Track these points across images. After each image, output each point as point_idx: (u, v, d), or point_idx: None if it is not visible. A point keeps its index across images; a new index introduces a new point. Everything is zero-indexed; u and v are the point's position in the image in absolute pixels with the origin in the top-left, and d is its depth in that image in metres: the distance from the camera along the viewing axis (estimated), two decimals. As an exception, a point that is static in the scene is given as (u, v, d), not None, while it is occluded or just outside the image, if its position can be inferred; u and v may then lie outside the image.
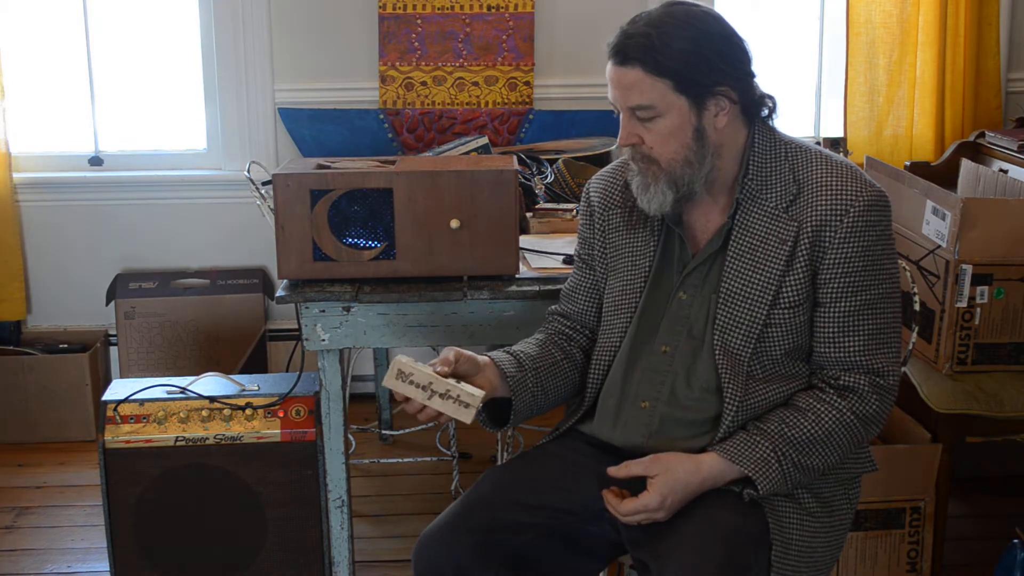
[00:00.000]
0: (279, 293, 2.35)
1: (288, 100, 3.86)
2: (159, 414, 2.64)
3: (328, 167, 2.39)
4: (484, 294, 2.34)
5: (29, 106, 3.95)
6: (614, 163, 2.10)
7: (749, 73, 1.86)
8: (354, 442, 3.64)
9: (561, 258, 2.47)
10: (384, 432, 3.72)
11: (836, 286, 1.84)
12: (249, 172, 3.24)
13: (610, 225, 2.03)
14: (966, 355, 2.69)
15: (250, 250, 3.96)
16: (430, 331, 2.39)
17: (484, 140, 3.20)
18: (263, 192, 3.14)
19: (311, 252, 2.33)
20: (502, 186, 2.31)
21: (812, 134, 4.13)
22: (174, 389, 2.70)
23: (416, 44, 3.77)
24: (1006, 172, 3.23)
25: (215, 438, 2.64)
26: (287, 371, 3.56)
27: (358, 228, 2.33)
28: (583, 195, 2.11)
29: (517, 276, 2.38)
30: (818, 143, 2.34)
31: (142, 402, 2.65)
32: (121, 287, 3.86)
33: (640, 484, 1.82)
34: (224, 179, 3.91)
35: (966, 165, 3.32)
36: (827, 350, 1.86)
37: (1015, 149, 3.34)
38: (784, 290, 1.85)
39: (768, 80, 1.97)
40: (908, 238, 2.79)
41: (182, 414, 2.65)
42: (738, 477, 1.83)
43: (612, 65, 1.85)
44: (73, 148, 3.97)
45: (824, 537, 1.89)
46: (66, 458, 3.67)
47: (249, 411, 2.65)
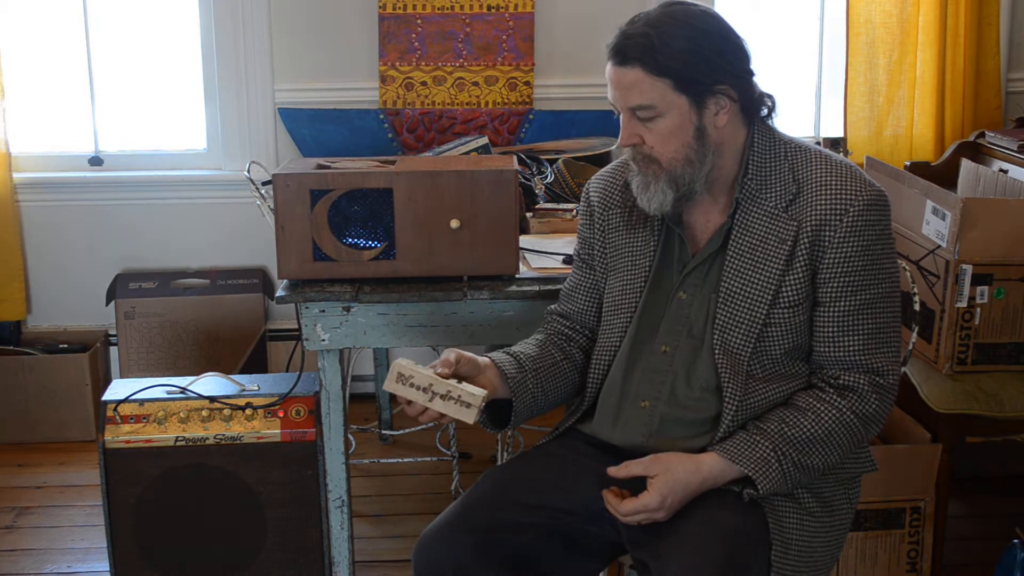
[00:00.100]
0: (279, 293, 2.35)
1: (288, 100, 3.86)
2: (159, 414, 2.64)
3: (328, 167, 2.39)
4: (484, 294, 2.34)
5: (29, 106, 3.95)
6: (614, 163, 2.10)
7: (748, 71, 1.87)
8: (354, 442, 3.64)
9: (561, 258, 2.47)
10: (384, 432, 3.72)
11: (836, 285, 1.84)
12: (249, 172, 3.24)
13: (610, 225, 2.03)
14: (966, 355, 2.69)
15: (250, 250, 3.96)
16: (430, 331, 2.39)
17: (484, 140, 3.20)
18: (263, 192, 3.14)
19: (311, 252, 2.33)
20: (502, 186, 2.31)
21: (812, 134, 4.13)
22: (174, 389, 2.70)
23: (416, 44, 3.77)
24: (1006, 172, 3.23)
25: (215, 438, 2.64)
26: (287, 371, 3.56)
27: (358, 228, 2.33)
28: (583, 195, 2.11)
29: (517, 276, 2.38)
30: (818, 143, 2.34)
31: (142, 402, 2.65)
32: (121, 287, 3.86)
33: (640, 484, 1.82)
34: (224, 179, 3.91)
35: (966, 165, 3.32)
36: (827, 349, 1.86)
37: (1015, 149, 3.34)
38: (784, 289, 1.86)
39: (768, 80, 1.97)
40: (908, 238, 2.79)
41: (182, 414, 2.65)
42: (738, 477, 1.83)
43: (612, 66, 1.85)
44: (73, 148, 3.97)
45: (824, 537, 1.89)
46: (66, 458, 3.67)
47: (249, 411, 2.65)
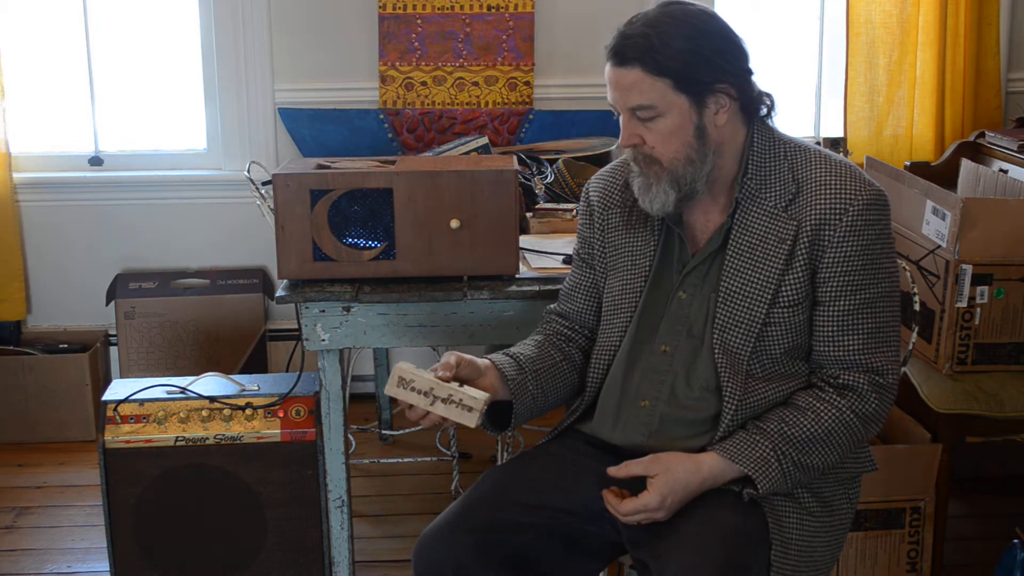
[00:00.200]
0: (279, 293, 2.35)
1: (288, 100, 3.86)
2: (159, 414, 2.64)
3: (328, 167, 2.39)
4: (484, 294, 2.34)
5: (29, 106, 3.95)
6: (613, 163, 2.10)
7: (747, 70, 1.87)
8: (354, 442, 3.64)
9: (561, 258, 2.47)
10: (384, 432, 3.72)
11: (835, 285, 1.84)
12: (249, 172, 3.24)
13: (609, 224, 2.03)
14: (966, 355, 2.69)
15: (250, 250, 3.96)
16: (430, 331, 2.39)
17: (484, 140, 3.20)
18: (263, 192, 3.14)
19: (311, 252, 2.33)
20: (502, 186, 2.31)
21: (812, 134, 4.13)
22: (174, 389, 2.70)
23: (416, 44, 3.77)
24: (1006, 172, 3.23)
25: (215, 438, 2.64)
26: (287, 371, 3.56)
27: (358, 228, 2.33)
28: (582, 195, 2.11)
29: (517, 276, 2.38)
30: (818, 143, 2.34)
31: (142, 402, 2.65)
32: (121, 287, 3.86)
33: (640, 484, 1.82)
34: (224, 179, 3.91)
35: (966, 165, 3.32)
36: (826, 349, 1.86)
37: (1015, 149, 3.34)
38: (783, 289, 1.86)
39: (768, 80, 1.97)
40: (908, 238, 2.79)
41: (182, 414, 2.65)
42: (738, 476, 1.83)
43: (611, 67, 1.85)
44: (73, 148, 3.97)
45: (824, 537, 1.89)
46: (66, 458, 3.67)
47: (249, 411, 2.65)
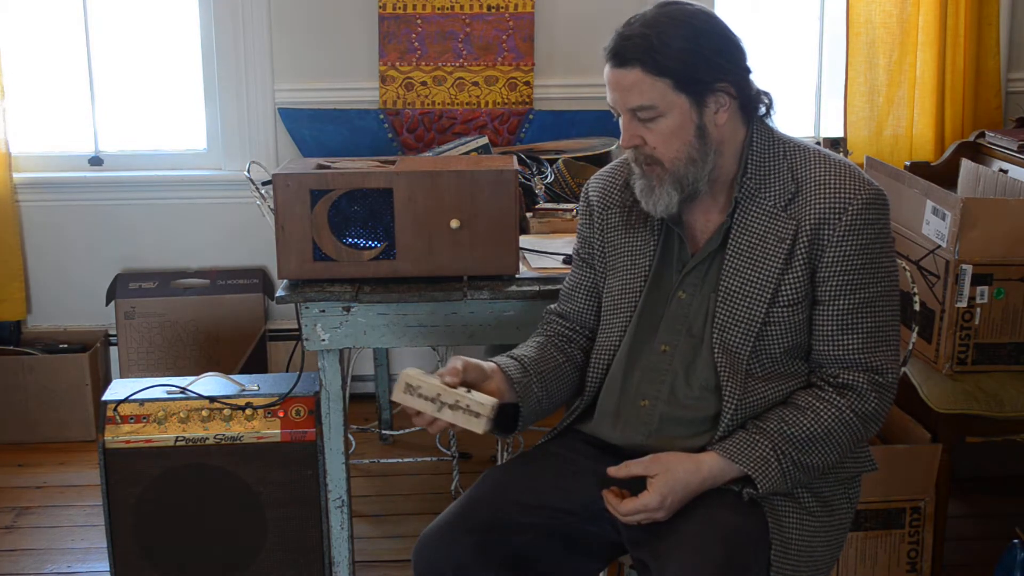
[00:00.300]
0: (279, 293, 2.35)
1: (288, 100, 3.86)
2: (159, 414, 2.64)
3: (328, 167, 2.39)
4: (484, 294, 2.34)
5: (29, 106, 3.95)
6: (613, 163, 2.10)
7: (746, 69, 1.87)
8: (354, 442, 3.64)
9: (561, 258, 2.47)
10: (384, 432, 3.72)
11: (834, 284, 1.84)
12: (249, 172, 3.24)
13: (609, 224, 2.03)
14: (966, 355, 2.69)
15: (250, 250, 3.96)
16: (430, 331, 2.39)
17: (484, 140, 3.20)
18: (263, 192, 3.14)
19: (311, 252, 2.33)
20: (502, 186, 2.31)
21: (812, 134, 4.13)
22: (174, 389, 2.70)
23: (416, 44, 3.77)
24: (1006, 172, 3.23)
25: (215, 438, 2.64)
26: (287, 371, 3.56)
27: (358, 228, 2.33)
28: (582, 195, 2.11)
29: (517, 276, 2.38)
30: (818, 143, 2.34)
31: (142, 402, 2.65)
32: (121, 287, 3.86)
33: (640, 484, 1.82)
34: (224, 179, 3.91)
35: (966, 165, 3.32)
36: (826, 348, 1.86)
37: (1015, 149, 3.34)
38: (783, 288, 1.86)
39: (768, 80, 1.98)
40: (908, 238, 2.79)
41: (182, 414, 2.65)
42: (738, 476, 1.82)
43: (610, 68, 1.85)
44: (73, 148, 3.97)
45: (824, 537, 1.89)
46: (66, 458, 3.67)
47: (249, 411, 2.65)
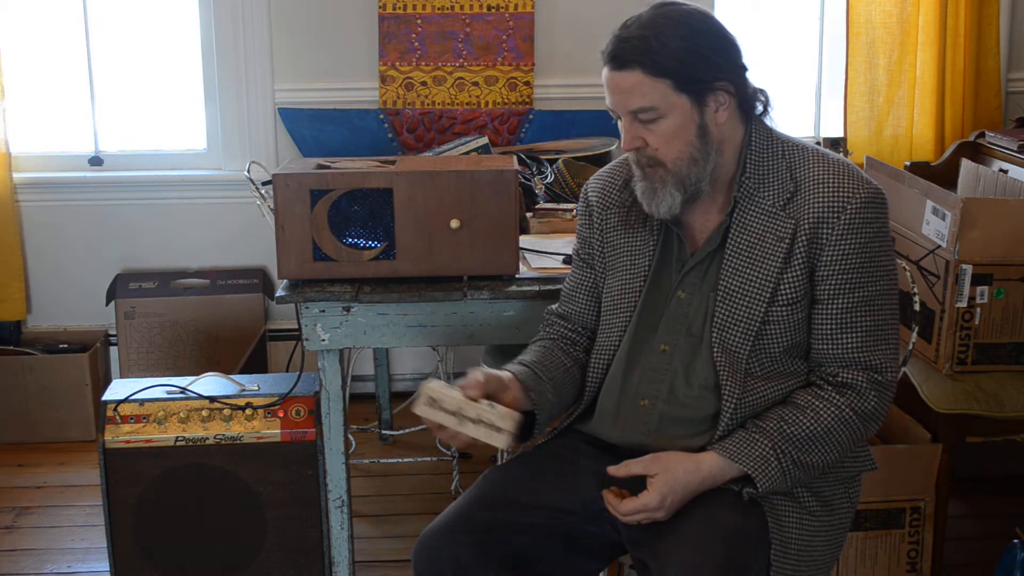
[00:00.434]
0: (279, 293, 2.35)
1: (288, 100, 3.86)
2: (159, 414, 2.64)
3: (328, 167, 2.39)
4: (484, 294, 2.34)
5: (29, 106, 3.95)
6: (612, 163, 2.10)
7: (743, 66, 1.88)
8: (354, 442, 3.64)
9: (561, 258, 2.47)
10: (384, 432, 3.72)
11: (833, 283, 1.84)
12: (249, 172, 3.24)
13: (608, 224, 2.03)
14: (966, 355, 2.69)
15: (250, 250, 3.96)
16: (430, 331, 2.39)
17: (484, 140, 3.20)
18: (263, 192, 3.14)
19: (311, 252, 2.33)
20: (502, 186, 2.31)
21: (812, 134, 4.13)
22: (174, 389, 2.70)
23: (416, 44, 3.77)
24: (1006, 172, 3.23)
25: (215, 438, 2.64)
26: (287, 371, 3.56)
27: (358, 228, 2.33)
28: (581, 195, 2.11)
29: (517, 276, 2.38)
30: (818, 143, 2.34)
31: (142, 402, 2.65)
32: (121, 287, 3.86)
33: (640, 483, 1.82)
34: (224, 179, 3.91)
35: (966, 165, 3.32)
36: (825, 347, 1.86)
37: (1015, 149, 3.34)
38: (782, 287, 1.86)
39: (768, 80, 1.98)
40: (908, 238, 2.79)
41: (182, 414, 2.65)
42: (738, 475, 1.83)
43: (609, 71, 1.84)
44: (73, 148, 3.97)
45: (824, 536, 1.89)
46: (66, 458, 3.67)
47: (249, 411, 2.65)
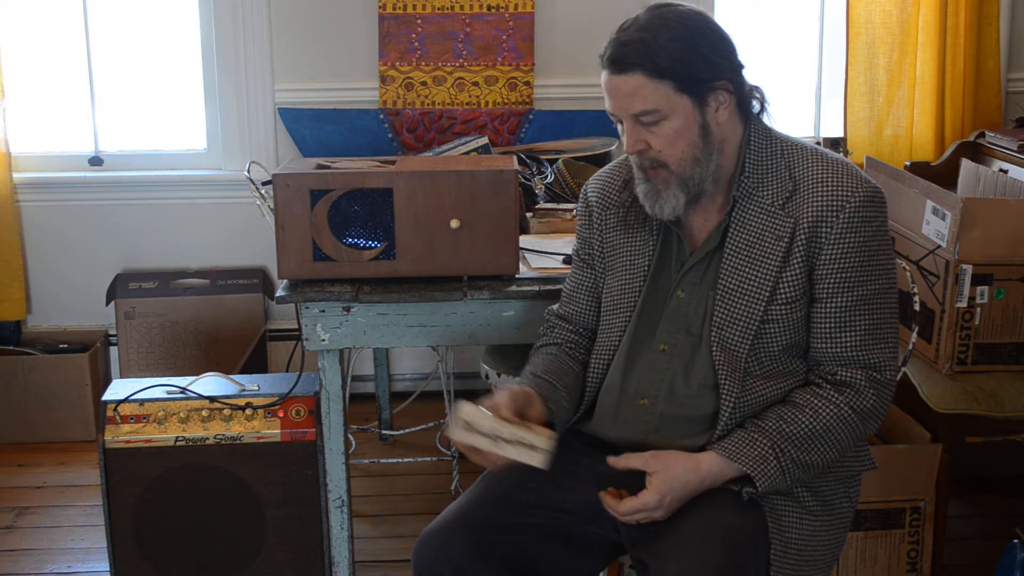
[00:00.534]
0: (279, 293, 2.35)
1: (288, 100, 3.86)
2: (159, 414, 2.64)
3: (328, 167, 2.39)
4: (484, 294, 2.34)
5: (29, 106, 3.95)
6: (612, 163, 2.10)
7: (740, 64, 1.88)
8: (354, 442, 3.64)
9: (561, 258, 2.47)
10: (384, 432, 3.72)
11: (832, 282, 1.84)
12: (249, 172, 3.24)
13: (608, 224, 2.03)
14: (966, 355, 2.69)
15: (250, 250, 3.96)
16: (430, 331, 2.39)
17: (484, 140, 3.21)
18: (263, 192, 3.14)
19: (311, 252, 2.33)
20: (502, 186, 2.31)
21: (812, 134, 4.13)
22: (174, 389, 2.70)
23: (416, 44, 3.77)
24: (1006, 172, 3.23)
25: (215, 438, 2.64)
26: (287, 371, 3.56)
27: (358, 228, 2.33)
28: (581, 195, 2.11)
29: (517, 276, 2.38)
30: (818, 143, 2.34)
31: (142, 402, 2.65)
32: (121, 287, 3.86)
33: (639, 485, 1.82)
34: (224, 179, 3.91)
35: (966, 165, 3.32)
36: (824, 346, 1.87)
37: (1015, 149, 3.34)
38: (781, 286, 1.86)
39: (768, 80, 1.98)
40: (908, 238, 2.79)
41: (182, 414, 2.65)
42: (737, 475, 1.83)
43: (609, 75, 1.84)
44: (73, 148, 3.97)
45: (824, 536, 1.89)
46: (66, 458, 3.67)
47: (249, 411, 2.65)
